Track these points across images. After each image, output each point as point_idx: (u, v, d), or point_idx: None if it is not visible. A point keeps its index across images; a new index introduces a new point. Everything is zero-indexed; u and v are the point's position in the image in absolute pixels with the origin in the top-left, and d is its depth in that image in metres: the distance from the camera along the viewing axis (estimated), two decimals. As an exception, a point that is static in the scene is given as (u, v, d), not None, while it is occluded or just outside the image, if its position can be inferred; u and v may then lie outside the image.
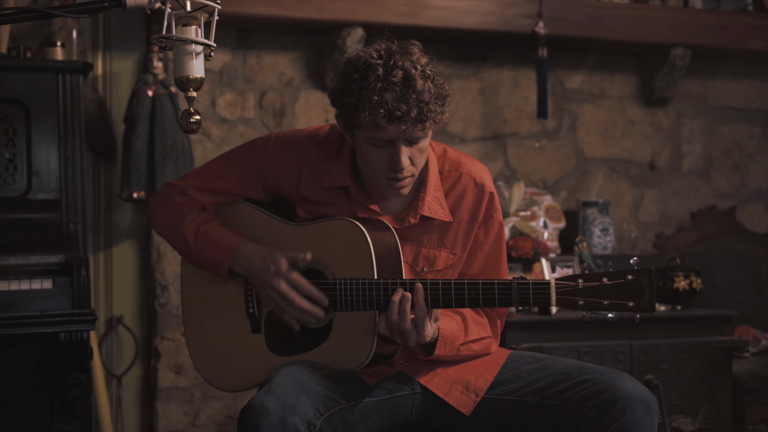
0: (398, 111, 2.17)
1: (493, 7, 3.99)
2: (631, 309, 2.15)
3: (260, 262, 2.35)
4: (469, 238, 2.46)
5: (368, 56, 2.23)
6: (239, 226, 2.47)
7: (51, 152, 3.26)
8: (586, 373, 2.33)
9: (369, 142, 2.26)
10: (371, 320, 2.31)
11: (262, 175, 2.47)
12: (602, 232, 4.10)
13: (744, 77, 4.70)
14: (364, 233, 2.30)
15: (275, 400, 2.15)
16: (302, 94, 4.03)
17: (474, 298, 2.25)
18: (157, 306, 3.82)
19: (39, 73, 3.26)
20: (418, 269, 2.43)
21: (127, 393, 3.86)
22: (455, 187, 2.45)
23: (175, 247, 2.52)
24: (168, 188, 2.54)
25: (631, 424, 2.21)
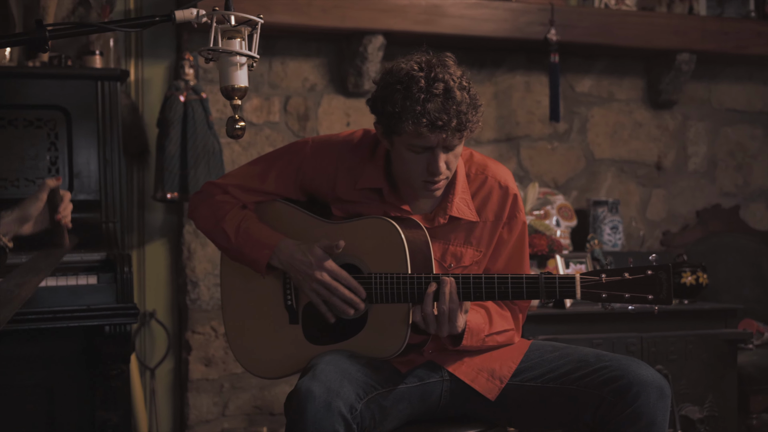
0: (440, 121, 2.33)
1: (507, 15, 4.16)
2: (650, 302, 2.32)
3: (301, 256, 2.51)
4: (494, 236, 2.62)
5: (410, 68, 2.38)
6: (278, 224, 2.62)
7: (91, 155, 3.42)
8: (603, 360, 2.49)
9: (409, 148, 2.41)
10: (405, 312, 2.47)
11: (299, 177, 2.62)
12: (612, 230, 4.27)
13: (747, 81, 4.86)
14: (398, 231, 2.46)
15: (320, 385, 2.31)
16: (325, 98, 4.20)
17: (503, 291, 2.42)
18: (188, 301, 3.99)
19: (79, 80, 3.42)
20: (446, 265, 2.58)
21: (160, 385, 4.03)
22: (481, 189, 2.61)
23: (216, 242, 2.67)
24: (210, 187, 2.69)
25: (645, 407, 2.36)
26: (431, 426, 2.60)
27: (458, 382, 2.59)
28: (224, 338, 4.02)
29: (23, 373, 3.24)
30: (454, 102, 2.34)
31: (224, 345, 4.02)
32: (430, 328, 2.45)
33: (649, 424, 2.37)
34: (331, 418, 2.29)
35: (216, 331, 4.02)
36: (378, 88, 2.46)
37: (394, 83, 2.39)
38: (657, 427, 2.38)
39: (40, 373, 3.24)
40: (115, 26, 2.38)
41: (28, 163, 3.36)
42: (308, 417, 2.28)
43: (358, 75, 4.10)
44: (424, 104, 2.33)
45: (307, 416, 2.28)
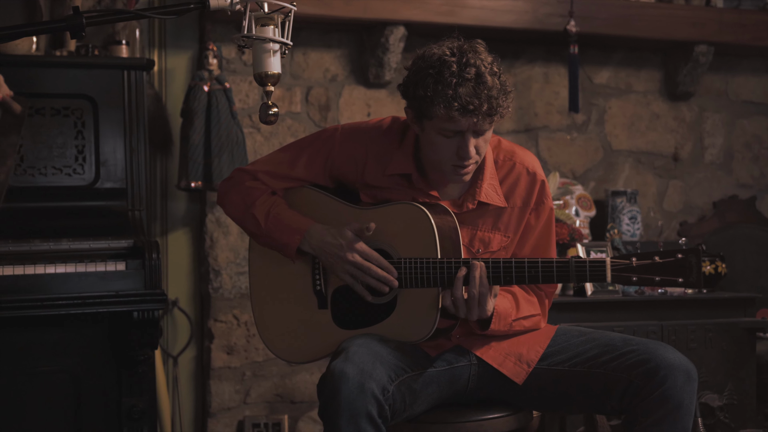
0: (471, 105, 2.36)
1: (527, 7, 4.19)
2: (680, 284, 2.35)
3: (331, 239, 2.53)
4: (522, 222, 2.65)
5: (442, 53, 2.41)
6: (307, 210, 2.65)
7: (117, 144, 3.44)
8: (631, 344, 2.51)
9: (439, 132, 2.44)
10: (434, 296, 2.50)
11: (329, 164, 2.65)
12: (630, 220, 4.30)
13: (763, 73, 4.88)
14: (428, 216, 2.48)
15: (354, 366, 2.34)
16: (346, 89, 4.23)
17: (534, 275, 2.45)
18: (211, 290, 4.03)
19: (106, 69, 3.43)
20: (474, 250, 2.61)
21: (183, 372, 4.07)
22: (509, 175, 2.64)
23: (246, 228, 2.70)
24: (239, 173, 2.72)
25: (673, 390, 2.39)
26: (459, 409, 2.63)
27: (486, 366, 2.62)
28: (245, 326, 4.06)
29: (49, 359, 3.26)
30: (485, 87, 2.37)
31: (246, 333, 4.05)
32: (459, 312, 2.48)
33: (677, 406, 2.39)
34: (364, 400, 2.32)
35: (238, 320, 4.05)
36: (410, 73, 2.49)
37: (426, 68, 2.42)
38: (684, 410, 2.41)
39: (66, 359, 3.26)
40: (150, 13, 2.41)
41: (56, 151, 3.39)
42: (342, 398, 2.31)
43: (379, 66, 4.13)
44: (456, 88, 2.36)
45: (341, 397, 2.31)
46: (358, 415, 2.31)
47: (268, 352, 4.07)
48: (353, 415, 2.31)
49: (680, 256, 2.34)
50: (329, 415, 2.35)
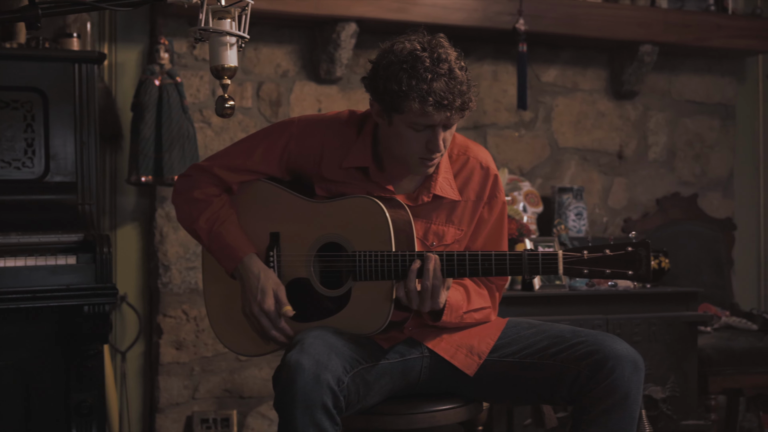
0: (445, 100, 2.39)
1: (477, 5, 4.24)
2: (630, 277, 2.39)
3: (255, 282, 2.59)
4: (475, 215, 2.69)
5: (413, 47, 2.43)
6: (262, 204, 2.67)
7: (67, 137, 3.41)
8: (579, 336, 2.56)
9: (410, 126, 2.46)
10: (388, 289, 2.52)
11: (285, 156, 2.66)
12: (576, 216, 4.37)
13: (705, 73, 4.99)
14: (383, 210, 2.51)
15: (309, 358, 2.35)
16: (297, 85, 4.24)
17: (487, 268, 2.48)
18: (160, 285, 4.01)
19: (57, 62, 3.40)
20: (428, 243, 2.65)
21: (131, 368, 4.05)
22: (463, 169, 2.68)
23: (192, 236, 2.74)
24: (195, 171, 2.71)
25: (620, 380, 2.44)
26: (411, 400, 2.66)
27: (437, 359, 2.66)
28: (194, 321, 4.05)
29: (-4, 354, 3.24)
30: (457, 82, 2.41)
31: (195, 328, 4.05)
32: (412, 304, 2.51)
33: (624, 396, 2.45)
34: (320, 390, 2.33)
35: (187, 315, 4.04)
36: (378, 67, 2.49)
37: (398, 62, 2.43)
38: (631, 399, 2.46)
39: (14, 354, 3.23)
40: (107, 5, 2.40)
41: (5, 144, 3.35)
42: (298, 389, 2.33)
43: (330, 62, 4.14)
44: (431, 83, 2.38)
45: (296, 388, 2.33)
46: (314, 406, 2.33)
47: (218, 347, 4.07)
48: (308, 406, 2.33)
49: (630, 249, 2.38)
50: (284, 406, 2.36)
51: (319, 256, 2.61)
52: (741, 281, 5.00)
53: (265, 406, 4.16)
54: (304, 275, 2.61)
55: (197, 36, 2.52)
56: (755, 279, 5.16)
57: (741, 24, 4.75)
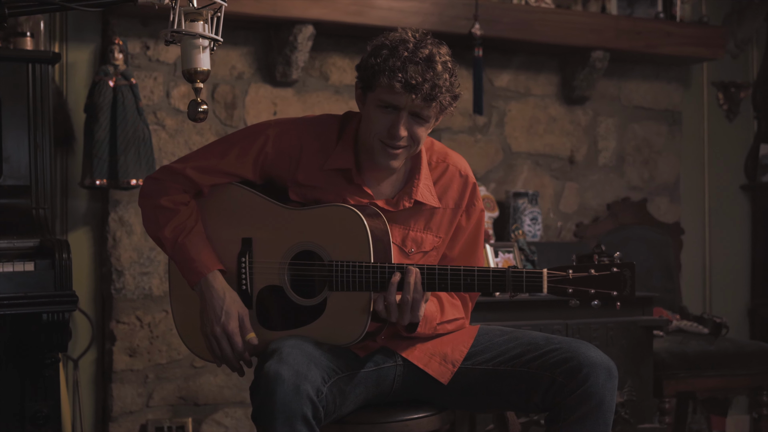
0: (414, 80, 2.39)
1: (433, 9, 4.23)
2: (614, 298, 2.40)
3: (219, 303, 2.55)
4: (453, 223, 2.68)
5: (405, 34, 2.47)
6: (234, 209, 2.61)
7: (21, 140, 3.31)
8: (553, 342, 2.56)
9: (378, 105, 2.46)
10: (365, 300, 2.49)
11: (261, 158, 2.60)
12: (532, 221, 4.39)
13: (653, 79, 5.05)
14: (362, 219, 2.47)
15: (289, 368, 2.32)
16: (252, 87, 4.18)
17: (469, 284, 2.45)
18: (113, 291, 3.92)
19: (10, 62, 3.30)
20: (407, 250, 2.63)
21: (83, 376, 3.95)
22: (443, 176, 2.67)
23: (155, 243, 2.68)
24: (164, 173, 2.64)
25: (595, 387, 2.45)
26: (385, 409, 2.64)
27: (411, 367, 2.64)
28: (148, 328, 3.96)
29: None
30: (433, 72, 2.41)
31: (149, 335, 3.96)
32: (391, 317, 2.48)
33: (599, 404, 2.45)
34: (300, 401, 2.30)
35: (141, 321, 3.96)
36: (370, 46, 2.52)
37: (387, 43, 2.47)
38: (606, 406, 2.47)
39: (-38, 363, 3.14)
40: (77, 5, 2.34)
41: (-45, 146, 3.25)
42: (277, 400, 2.29)
43: (286, 64, 4.10)
44: (406, 63, 2.40)
45: (276, 399, 2.29)
46: (294, 417, 2.30)
47: (172, 354, 3.99)
48: (289, 417, 2.30)
49: (615, 270, 2.38)
50: (264, 417, 2.32)
51: (293, 264, 2.56)
52: (687, 285, 5.08)
53: (221, 413, 4.09)
54: (277, 283, 2.56)
55: (168, 38, 2.47)
56: (701, 283, 5.24)
57: (689, 32, 4.82)
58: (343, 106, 4.27)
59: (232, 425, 4.10)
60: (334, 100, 4.29)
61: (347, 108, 4.20)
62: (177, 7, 2.44)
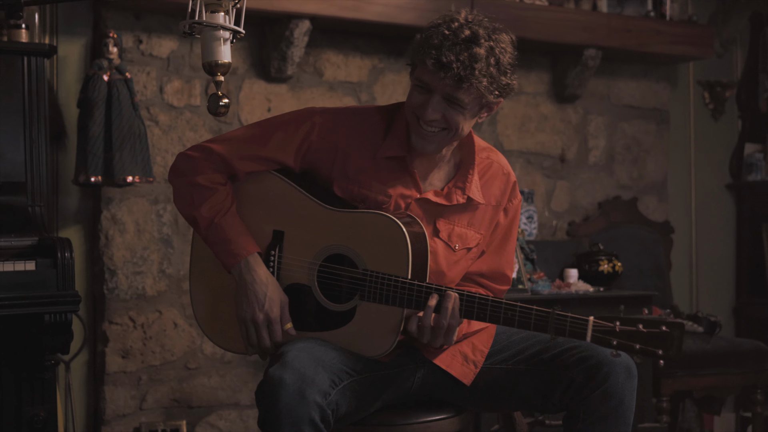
0: (445, 58, 2.31)
1: (430, 5, 4.18)
2: (659, 357, 2.28)
3: (262, 288, 2.45)
4: (494, 220, 2.63)
5: (461, 16, 2.42)
6: (269, 200, 2.52)
7: (16, 135, 3.21)
8: (572, 341, 2.49)
9: (415, 84, 2.41)
10: (396, 317, 2.40)
11: (305, 146, 2.52)
12: (528, 219, 4.36)
13: (642, 78, 5.05)
14: (404, 232, 2.38)
15: (293, 373, 2.24)
16: (246, 83, 4.10)
17: (509, 318, 2.36)
18: (106, 291, 3.82)
19: (4, 54, 3.21)
20: (453, 245, 2.56)
21: (75, 378, 3.84)
22: (487, 173, 2.61)
23: (187, 221, 2.57)
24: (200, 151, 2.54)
25: (615, 387, 2.40)
26: (405, 410, 2.59)
27: (432, 368, 2.58)
28: (141, 328, 3.87)
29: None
30: (470, 54, 2.33)
31: (143, 336, 3.87)
32: (423, 338, 2.42)
33: (619, 403, 2.41)
34: (305, 406, 2.23)
35: (134, 322, 3.86)
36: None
37: (438, 22, 2.42)
38: (625, 406, 2.43)
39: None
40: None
41: (-51, 141, 3.14)
42: (282, 406, 2.22)
43: (281, 60, 4.02)
44: (443, 42, 2.33)
45: (280, 405, 2.22)
46: (300, 422, 2.23)
47: (166, 356, 3.90)
48: (294, 422, 2.23)
49: (665, 328, 2.28)
50: (270, 424, 2.25)
51: (324, 265, 2.48)
52: (675, 283, 5.08)
53: (214, 415, 4.00)
54: (306, 282, 2.49)
55: (187, 30, 2.40)
56: (688, 281, 5.25)
57: (678, 30, 4.83)
58: (337, 102, 4.21)
59: (226, 427, 4.01)
60: (328, 96, 4.22)
61: (341, 104, 4.15)
62: (198, -3, 2.37)
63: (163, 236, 3.91)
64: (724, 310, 5.31)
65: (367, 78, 4.31)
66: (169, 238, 3.92)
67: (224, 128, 4.00)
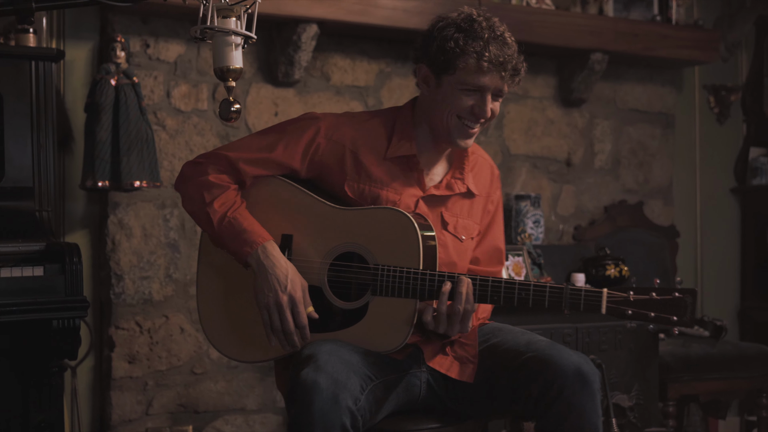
0: (501, 58, 2.44)
1: (437, 9, 4.11)
2: (674, 323, 2.33)
3: (283, 271, 2.43)
4: (485, 210, 2.71)
5: (469, 13, 2.51)
6: (276, 204, 2.54)
7: (23, 140, 3.20)
8: (531, 349, 2.49)
9: (460, 87, 2.47)
10: (409, 308, 2.43)
11: (312, 149, 2.56)
12: (534, 223, 4.35)
13: (648, 82, 5.04)
14: (413, 224, 2.42)
15: (327, 377, 2.26)
16: (253, 87, 4.09)
17: (524, 299, 2.40)
18: (112, 295, 3.81)
19: (12, 59, 3.19)
20: (459, 236, 2.61)
21: (81, 383, 3.83)
22: (475, 166, 2.70)
23: (200, 225, 2.58)
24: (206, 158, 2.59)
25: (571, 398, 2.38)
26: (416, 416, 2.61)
27: (436, 375, 2.60)
28: (148, 333, 3.86)
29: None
30: (509, 47, 2.49)
31: (149, 341, 3.86)
32: (440, 328, 2.44)
33: (579, 415, 2.39)
34: (338, 411, 2.25)
35: (141, 327, 3.85)
36: (432, 30, 2.56)
37: (454, 24, 2.50)
38: (587, 415, 2.40)
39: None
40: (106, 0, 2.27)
41: (-45, 148, 3.13)
42: (315, 410, 2.24)
43: (289, 64, 4.01)
44: (488, 42, 2.45)
45: (314, 409, 2.24)
46: (333, 428, 2.25)
47: (172, 361, 3.90)
48: (327, 427, 2.25)
49: (677, 294, 2.33)
50: (301, 427, 2.26)
51: (334, 264, 2.49)
52: (681, 287, 5.06)
53: (221, 420, 3.99)
54: (316, 283, 2.50)
55: (198, 35, 2.40)
56: (693, 285, 5.24)
57: (684, 34, 4.82)
58: (344, 107, 4.20)
59: (232, 433, 4.02)
60: (335, 100, 4.21)
61: (348, 109, 4.14)
62: (209, 3, 2.37)
63: (170, 241, 3.91)
64: (729, 314, 5.31)
65: (374, 82, 4.30)
66: (176, 243, 3.92)
67: (231, 133, 4.00)
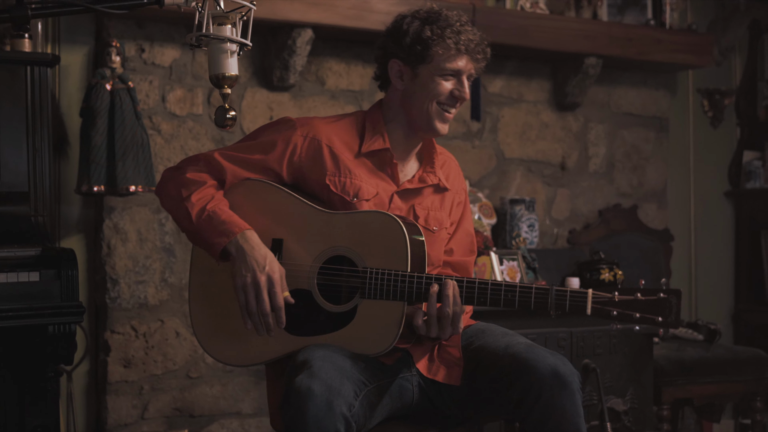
0: (474, 42, 2.57)
1: (431, 14, 4.18)
2: (659, 324, 2.35)
3: (262, 252, 2.43)
4: (456, 203, 2.76)
5: (429, 8, 2.64)
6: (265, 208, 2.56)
7: (19, 145, 3.21)
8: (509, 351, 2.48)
9: (438, 73, 2.57)
10: (397, 312, 2.44)
11: (290, 149, 2.59)
12: (529, 227, 4.36)
13: (641, 86, 5.06)
14: (402, 228, 2.44)
15: (321, 383, 2.26)
16: (248, 91, 4.10)
17: (510, 300, 2.41)
18: (108, 300, 3.81)
19: (7, 64, 3.20)
20: (431, 228, 2.65)
21: (76, 387, 3.83)
22: (444, 164, 2.78)
23: (178, 222, 2.59)
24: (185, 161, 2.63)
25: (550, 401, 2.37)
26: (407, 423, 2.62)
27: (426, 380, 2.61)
28: (143, 338, 3.86)
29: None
30: (476, 33, 2.62)
31: (144, 345, 3.86)
32: (431, 332, 2.44)
33: (560, 418, 2.39)
34: (332, 418, 2.25)
35: (136, 331, 3.85)
36: (399, 26, 2.66)
37: (421, 18, 2.62)
38: (568, 416, 2.39)
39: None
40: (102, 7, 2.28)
41: (-50, 152, 3.13)
42: (309, 417, 2.24)
43: (284, 68, 4.02)
44: (460, 29, 2.57)
45: (308, 416, 2.24)
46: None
47: (167, 365, 3.90)
48: None
49: (662, 295, 2.34)
50: None
51: (324, 268, 2.50)
52: (675, 291, 5.07)
53: (216, 424, 4.00)
54: (306, 287, 2.51)
55: (194, 42, 2.41)
56: (687, 288, 5.26)
57: (678, 39, 4.83)
58: (339, 111, 4.21)
59: (228, 437, 4.02)
60: (330, 105, 4.22)
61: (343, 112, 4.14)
62: (205, 10, 2.38)
63: (165, 245, 3.91)
64: (723, 317, 5.32)
65: (369, 86, 4.31)
66: (171, 248, 3.92)
67: (226, 137, 4.00)
